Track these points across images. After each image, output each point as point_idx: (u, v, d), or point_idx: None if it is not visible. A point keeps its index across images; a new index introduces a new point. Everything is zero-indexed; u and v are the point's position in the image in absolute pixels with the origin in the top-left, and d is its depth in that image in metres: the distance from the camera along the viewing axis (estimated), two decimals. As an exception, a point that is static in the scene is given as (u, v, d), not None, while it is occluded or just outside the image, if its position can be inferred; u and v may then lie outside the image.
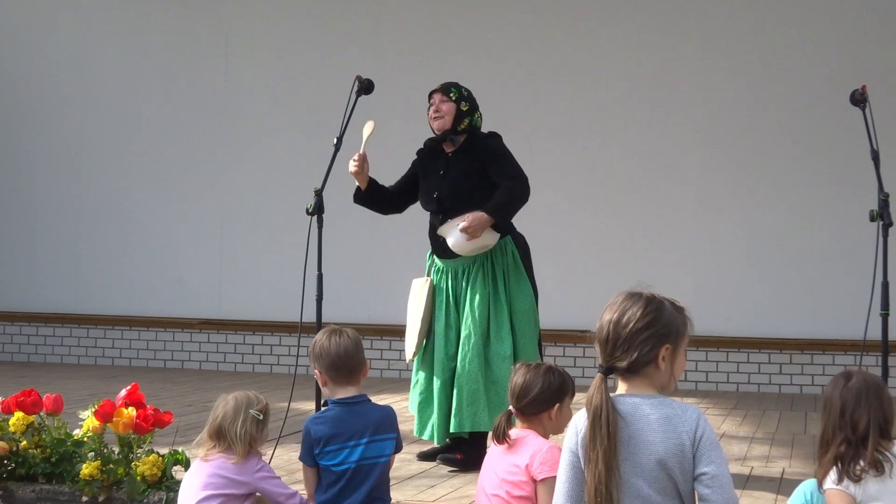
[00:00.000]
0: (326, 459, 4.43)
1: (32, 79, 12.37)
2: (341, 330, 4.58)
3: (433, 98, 6.44)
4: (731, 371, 10.38)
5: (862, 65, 10.00)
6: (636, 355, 3.22)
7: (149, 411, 5.41)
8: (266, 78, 11.71)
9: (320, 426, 4.48)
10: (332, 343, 4.53)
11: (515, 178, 6.32)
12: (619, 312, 3.26)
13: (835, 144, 10.19)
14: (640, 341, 3.23)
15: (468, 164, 6.35)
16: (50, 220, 12.22)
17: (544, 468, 4.21)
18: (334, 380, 4.56)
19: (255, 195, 11.65)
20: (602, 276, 10.22)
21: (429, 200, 6.44)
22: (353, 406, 4.51)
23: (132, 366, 11.77)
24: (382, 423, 4.52)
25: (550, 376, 4.40)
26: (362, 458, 4.42)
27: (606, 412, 3.17)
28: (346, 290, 10.34)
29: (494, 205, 6.19)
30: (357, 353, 4.56)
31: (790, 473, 6.33)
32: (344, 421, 4.47)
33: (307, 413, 7.41)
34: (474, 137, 6.44)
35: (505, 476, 4.29)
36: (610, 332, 3.25)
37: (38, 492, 5.53)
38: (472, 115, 6.43)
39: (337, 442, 4.43)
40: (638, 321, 3.23)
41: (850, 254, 10.00)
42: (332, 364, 4.53)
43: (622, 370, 3.25)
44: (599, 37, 10.90)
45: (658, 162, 10.70)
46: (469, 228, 6.09)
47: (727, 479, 3.16)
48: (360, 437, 4.43)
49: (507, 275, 6.32)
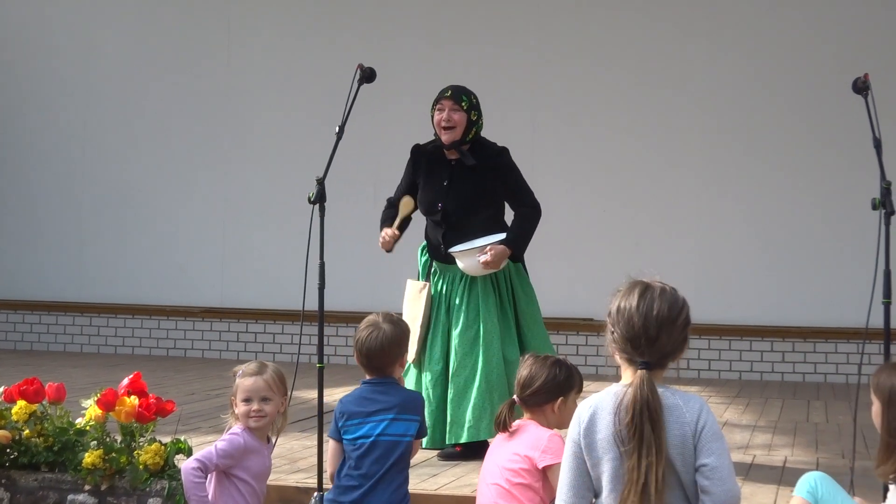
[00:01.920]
0: (349, 433, 4.51)
1: (35, 68, 12.36)
2: (379, 325, 4.60)
3: (442, 104, 6.27)
4: (733, 359, 10.39)
5: (866, 52, 9.98)
6: (669, 349, 3.22)
7: (151, 400, 5.41)
8: (268, 66, 11.70)
9: (347, 402, 4.59)
10: (366, 337, 4.58)
11: (531, 206, 6.32)
12: (646, 302, 3.22)
13: (838, 133, 10.18)
14: (685, 337, 3.24)
15: (475, 178, 6.27)
16: (53, 209, 12.22)
17: (547, 456, 4.23)
18: (365, 368, 4.65)
19: (257, 184, 11.65)
20: (607, 263, 10.20)
21: (432, 210, 6.37)
22: (380, 385, 4.60)
23: (135, 354, 11.78)
24: (408, 404, 4.58)
25: (556, 369, 4.40)
26: (382, 434, 4.47)
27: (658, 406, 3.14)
28: (349, 279, 10.34)
29: (515, 237, 6.21)
30: (387, 353, 4.58)
31: (792, 462, 6.33)
32: (369, 398, 4.57)
33: (310, 402, 7.41)
34: (482, 148, 6.35)
35: (505, 464, 4.30)
36: (640, 325, 3.21)
37: (40, 480, 5.53)
38: (478, 123, 6.36)
39: (360, 416, 4.51)
40: (687, 317, 3.24)
41: (853, 242, 9.99)
42: (362, 356, 4.61)
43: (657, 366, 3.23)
44: (605, 23, 10.88)
45: (663, 149, 10.69)
46: (491, 264, 6.10)
47: (728, 471, 3.14)
48: (385, 414, 4.50)
49: (511, 279, 6.33)
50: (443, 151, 6.36)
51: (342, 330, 10.85)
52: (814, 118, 10.37)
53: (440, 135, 6.29)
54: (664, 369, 3.25)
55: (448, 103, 6.26)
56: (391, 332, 4.60)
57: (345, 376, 9.72)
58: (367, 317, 4.70)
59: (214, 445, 4.50)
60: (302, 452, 6.41)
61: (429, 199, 6.38)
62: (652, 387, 3.17)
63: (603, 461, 3.22)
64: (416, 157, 6.49)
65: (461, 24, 11.18)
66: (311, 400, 6.32)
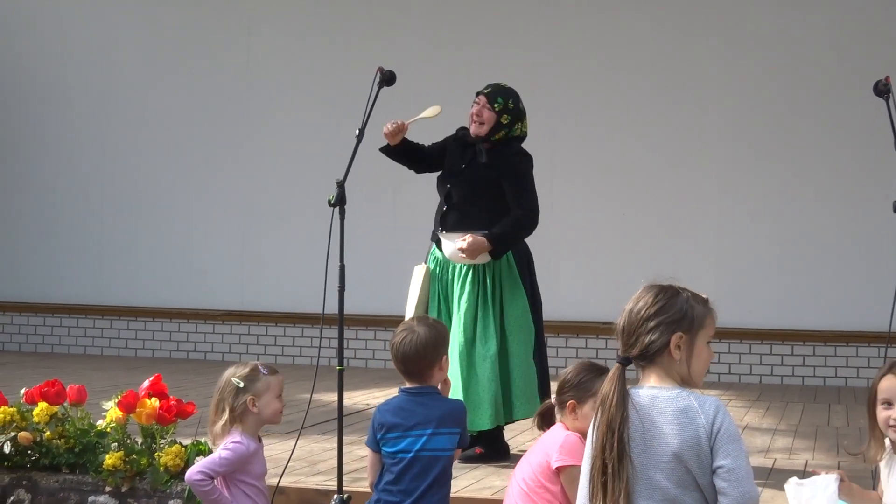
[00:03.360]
0: (388, 446, 4.38)
1: (53, 71, 12.40)
2: (413, 329, 4.46)
3: (479, 99, 6.42)
4: (754, 363, 10.36)
5: (887, 55, 9.93)
6: (646, 342, 3.21)
7: (172, 402, 5.43)
8: (288, 68, 11.72)
9: (385, 413, 4.44)
10: (401, 341, 4.44)
11: (527, 210, 6.37)
12: (634, 302, 3.26)
13: (858, 135, 10.14)
14: (650, 328, 3.21)
15: (487, 172, 6.38)
16: (73, 212, 12.26)
17: (561, 457, 4.22)
18: (403, 374, 4.50)
19: (277, 186, 11.66)
20: (623, 267, 10.19)
21: (442, 188, 6.52)
22: (419, 396, 4.44)
23: (155, 357, 11.81)
24: (447, 416, 4.42)
25: (582, 373, 4.41)
26: (422, 449, 4.34)
27: (614, 400, 3.17)
28: (369, 282, 10.33)
29: (498, 234, 6.25)
30: (423, 357, 4.42)
31: (813, 465, 6.31)
32: (408, 410, 4.41)
33: (329, 405, 7.43)
34: (505, 146, 6.44)
35: (532, 465, 4.33)
36: (624, 321, 3.25)
37: (61, 482, 5.56)
38: (510, 127, 6.42)
39: (398, 430, 4.38)
40: (648, 308, 3.22)
41: (874, 245, 9.96)
42: (398, 360, 4.47)
43: (637, 358, 3.24)
44: (622, 28, 10.87)
45: (680, 153, 10.67)
46: (466, 251, 6.18)
47: (745, 473, 3.13)
48: (424, 428, 4.35)
49: (500, 279, 6.36)
50: (473, 140, 6.45)
51: (362, 333, 10.86)
52: (831, 121, 10.33)
53: (470, 125, 6.43)
54: (655, 364, 3.22)
55: (483, 100, 6.40)
56: (426, 334, 4.44)
57: (364, 379, 9.76)
58: (403, 321, 4.63)
59: (218, 454, 4.48)
60: (322, 455, 6.42)
61: (444, 177, 6.53)
62: (616, 381, 3.19)
63: None
64: (454, 137, 6.61)
65: (480, 28, 11.17)
66: (331, 403, 6.34)
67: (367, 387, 9.26)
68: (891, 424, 3.62)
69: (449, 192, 6.43)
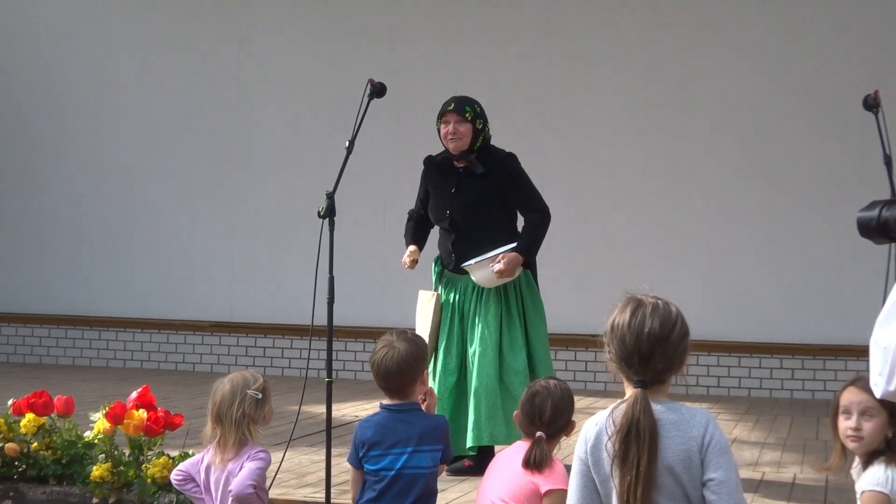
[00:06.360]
0: (370, 463, 4.34)
1: (45, 81, 12.39)
2: (393, 345, 4.39)
3: (447, 118, 6.33)
4: (742, 376, 10.36)
5: (877, 69, 9.96)
6: (673, 366, 3.18)
7: (159, 413, 5.43)
8: (280, 79, 11.72)
9: (366, 430, 4.39)
10: (381, 358, 4.38)
11: (539, 211, 6.38)
12: (634, 319, 3.18)
13: (846, 148, 10.17)
14: (681, 351, 3.19)
15: (482, 185, 6.34)
16: (61, 223, 12.24)
17: (548, 481, 4.18)
18: (384, 391, 4.45)
19: (266, 198, 11.65)
20: (613, 280, 10.13)
21: (441, 218, 6.44)
22: (400, 413, 4.40)
23: (143, 368, 11.79)
24: (429, 433, 4.37)
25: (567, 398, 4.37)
26: (404, 467, 4.30)
27: (647, 432, 3.09)
28: (358, 293, 10.33)
29: (527, 244, 6.27)
30: (404, 373, 4.36)
31: (801, 479, 6.31)
32: (389, 427, 4.36)
33: (318, 416, 7.41)
34: (489, 155, 6.41)
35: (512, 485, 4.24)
36: (632, 342, 3.15)
37: (48, 493, 5.54)
38: (484, 131, 6.42)
39: (380, 448, 4.33)
40: (682, 331, 3.18)
41: (863, 258, 9.94)
42: (379, 377, 4.41)
43: (655, 381, 3.18)
44: (612, 37, 10.88)
45: (670, 166, 10.68)
46: (505, 272, 6.13)
47: (735, 486, 3.12)
48: (405, 446, 4.31)
49: (520, 291, 6.35)
50: (451, 161, 6.42)
51: (351, 345, 10.85)
52: (822, 135, 10.34)
53: (447, 146, 6.37)
54: (665, 384, 3.21)
55: (453, 116, 6.32)
56: (406, 350, 4.38)
57: (353, 391, 9.74)
58: (383, 336, 4.52)
59: (255, 465, 4.35)
60: (310, 467, 6.41)
61: (437, 207, 6.46)
62: (645, 406, 3.12)
63: (613, 478, 3.20)
64: (428, 168, 6.58)
65: (470, 37, 11.17)
66: (320, 414, 6.33)
67: (356, 399, 9.25)
68: (849, 434, 3.65)
69: (451, 217, 6.36)
